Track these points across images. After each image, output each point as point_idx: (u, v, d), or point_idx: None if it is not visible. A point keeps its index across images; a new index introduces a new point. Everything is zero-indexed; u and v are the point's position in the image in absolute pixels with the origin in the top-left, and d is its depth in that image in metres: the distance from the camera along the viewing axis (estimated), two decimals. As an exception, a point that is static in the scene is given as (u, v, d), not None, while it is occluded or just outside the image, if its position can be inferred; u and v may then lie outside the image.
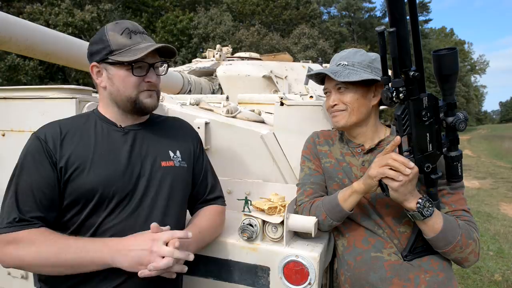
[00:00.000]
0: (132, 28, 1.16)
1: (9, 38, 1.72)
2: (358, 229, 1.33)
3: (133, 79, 1.15)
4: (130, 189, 1.12)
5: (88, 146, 1.13)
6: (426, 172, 1.15)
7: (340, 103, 1.31)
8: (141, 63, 1.14)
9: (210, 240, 1.29)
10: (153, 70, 1.18)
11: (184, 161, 1.27)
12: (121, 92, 1.16)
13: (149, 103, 1.20)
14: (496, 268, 4.01)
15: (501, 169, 12.29)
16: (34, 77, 15.09)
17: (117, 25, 1.16)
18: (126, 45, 1.13)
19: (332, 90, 1.34)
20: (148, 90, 1.18)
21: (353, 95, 1.29)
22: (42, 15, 15.56)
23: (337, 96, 1.32)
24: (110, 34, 1.14)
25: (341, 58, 1.34)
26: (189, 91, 3.26)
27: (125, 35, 1.14)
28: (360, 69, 1.29)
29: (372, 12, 40.01)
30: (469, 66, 58.30)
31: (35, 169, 1.08)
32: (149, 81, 1.17)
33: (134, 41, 1.14)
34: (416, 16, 0.98)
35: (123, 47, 1.13)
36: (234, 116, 1.88)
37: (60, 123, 1.17)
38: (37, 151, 1.10)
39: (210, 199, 1.36)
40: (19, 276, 1.81)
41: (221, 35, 21.36)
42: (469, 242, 1.17)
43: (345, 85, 1.29)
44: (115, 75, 1.15)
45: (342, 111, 1.32)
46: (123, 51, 1.12)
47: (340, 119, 1.32)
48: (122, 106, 1.19)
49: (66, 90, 1.56)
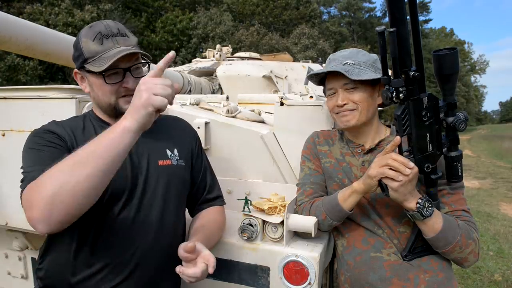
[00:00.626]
0: (105, 31, 1.11)
1: (9, 38, 1.71)
2: (357, 229, 1.33)
3: (108, 87, 1.12)
4: (128, 189, 1.12)
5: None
6: (426, 172, 1.15)
7: (350, 102, 1.29)
8: (114, 69, 1.11)
9: (216, 242, 1.29)
10: (130, 74, 1.13)
11: (182, 159, 1.27)
12: (101, 99, 1.16)
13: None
14: (496, 268, 4.01)
15: (501, 169, 12.28)
16: (34, 77, 15.08)
17: (90, 29, 1.13)
18: (98, 52, 1.09)
19: (339, 89, 1.31)
20: (127, 95, 1.15)
21: (362, 94, 1.28)
22: (42, 15, 15.56)
23: (346, 95, 1.29)
24: (83, 41, 1.12)
25: (345, 57, 1.31)
26: (189, 91, 3.25)
27: (96, 40, 1.10)
28: (366, 68, 1.28)
29: (372, 12, 40.02)
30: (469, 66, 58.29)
31: (47, 143, 1.06)
32: (126, 87, 1.13)
33: (105, 47, 1.10)
34: (417, 16, 0.98)
35: (94, 55, 1.09)
36: (234, 116, 1.88)
37: (61, 122, 1.17)
38: (46, 133, 1.08)
39: (210, 199, 1.36)
40: (19, 276, 1.81)
41: (220, 35, 21.35)
42: (469, 242, 1.17)
43: (354, 84, 1.28)
44: (93, 83, 1.14)
45: (352, 111, 1.29)
46: (95, 59, 1.09)
47: (351, 118, 1.30)
48: (105, 111, 1.19)
49: (66, 90, 1.56)
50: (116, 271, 1.08)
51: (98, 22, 1.16)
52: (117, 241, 1.09)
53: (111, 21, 1.16)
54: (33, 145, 1.06)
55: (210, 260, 1.01)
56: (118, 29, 1.14)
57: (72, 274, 1.07)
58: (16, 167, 1.10)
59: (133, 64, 1.14)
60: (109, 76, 1.11)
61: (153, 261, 1.14)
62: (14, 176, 1.60)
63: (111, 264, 1.09)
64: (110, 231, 1.09)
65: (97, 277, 1.07)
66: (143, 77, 0.94)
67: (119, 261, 1.09)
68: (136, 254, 1.11)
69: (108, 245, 1.09)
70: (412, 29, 0.99)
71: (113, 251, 1.09)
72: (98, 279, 1.07)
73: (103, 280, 1.08)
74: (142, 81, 0.92)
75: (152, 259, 1.14)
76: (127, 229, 1.10)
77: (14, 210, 1.60)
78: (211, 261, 1.01)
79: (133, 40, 1.17)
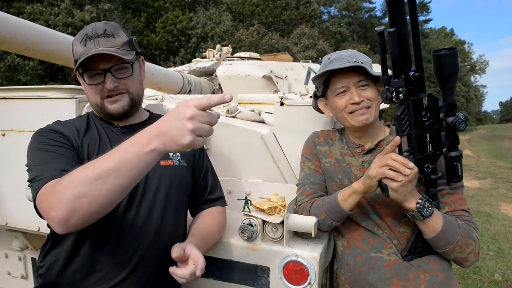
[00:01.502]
0: (90, 33, 1.12)
1: (9, 38, 1.71)
2: (357, 230, 1.33)
3: (91, 88, 1.15)
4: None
5: (94, 142, 1.14)
6: (426, 172, 1.15)
7: (366, 100, 1.27)
8: (95, 70, 1.12)
9: (215, 242, 1.29)
10: (110, 75, 1.13)
11: (183, 160, 1.27)
12: (90, 99, 1.19)
13: (114, 109, 1.17)
14: (496, 268, 4.01)
15: (501, 169, 12.28)
16: (34, 77, 15.09)
17: (82, 31, 1.14)
18: (81, 54, 1.10)
19: (352, 87, 1.28)
20: (110, 96, 1.16)
21: (375, 92, 1.29)
22: (42, 15, 15.57)
23: (359, 92, 1.27)
24: (74, 44, 1.14)
25: (351, 56, 1.29)
26: (189, 91, 3.25)
27: (82, 42, 1.11)
28: (369, 67, 1.28)
29: (372, 12, 40.07)
30: (469, 66, 58.28)
31: (53, 142, 1.07)
32: (106, 88, 1.14)
33: (87, 49, 1.10)
34: (416, 16, 0.98)
35: (79, 56, 1.10)
36: (234, 116, 1.88)
37: (65, 122, 1.18)
38: (51, 132, 1.09)
39: (211, 200, 1.36)
40: (19, 276, 1.81)
41: (220, 35, 21.35)
42: (469, 242, 1.17)
43: (367, 82, 1.27)
44: (82, 84, 1.18)
45: (368, 108, 1.28)
46: (79, 61, 1.10)
47: (368, 116, 1.27)
48: (97, 111, 1.22)
49: (66, 90, 1.56)
50: (116, 270, 1.09)
51: (90, 24, 1.17)
52: (118, 241, 1.10)
53: (102, 22, 1.16)
54: (39, 145, 1.06)
55: (198, 262, 1.00)
56: (105, 30, 1.13)
57: (73, 272, 1.08)
58: (16, 167, 1.11)
59: (114, 65, 1.13)
60: (91, 78, 1.13)
61: (153, 261, 1.14)
62: (14, 176, 1.60)
63: (111, 263, 1.09)
64: (111, 231, 1.09)
65: (97, 276, 1.08)
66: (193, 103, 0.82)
67: (119, 261, 1.09)
68: (136, 254, 1.11)
69: (108, 245, 1.09)
70: (411, 29, 0.99)
71: (113, 251, 1.09)
72: (98, 278, 1.08)
73: (103, 279, 1.08)
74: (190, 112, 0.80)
75: (152, 259, 1.14)
76: (127, 230, 1.10)
77: (14, 210, 1.60)
78: (199, 263, 1.00)
79: (118, 41, 1.14)
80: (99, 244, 1.09)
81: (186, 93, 3.20)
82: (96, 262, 1.08)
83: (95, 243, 1.08)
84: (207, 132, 0.82)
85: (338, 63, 1.27)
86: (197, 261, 1.00)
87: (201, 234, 1.19)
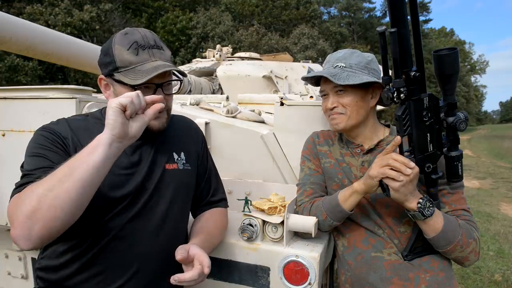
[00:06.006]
0: (142, 41, 1.06)
1: (9, 38, 1.72)
2: (358, 230, 1.33)
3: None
4: (133, 192, 1.10)
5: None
6: (426, 172, 1.15)
7: (340, 106, 1.30)
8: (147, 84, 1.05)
9: (218, 243, 1.28)
10: (161, 90, 1.09)
11: (188, 163, 1.24)
12: None
13: (155, 125, 1.12)
14: (496, 268, 4.01)
15: (501, 169, 12.28)
16: (34, 77, 15.08)
17: (126, 36, 1.06)
18: (132, 63, 1.04)
19: (330, 92, 1.32)
20: None
21: (352, 98, 1.28)
22: (42, 15, 15.57)
23: (336, 98, 1.30)
24: (117, 48, 1.05)
25: (337, 59, 1.31)
26: (189, 91, 3.25)
27: (131, 50, 1.04)
28: (358, 71, 1.27)
29: (372, 12, 40.07)
30: (469, 66, 58.27)
31: (46, 150, 1.04)
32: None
33: (141, 59, 1.04)
34: (417, 16, 0.98)
35: (128, 65, 1.04)
36: (234, 116, 1.88)
37: (67, 120, 1.14)
38: (47, 138, 1.06)
39: (213, 201, 1.34)
40: (19, 276, 1.81)
41: (220, 35, 21.36)
42: (470, 241, 1.17)
43: (344, 88, 1.28)
44: (120, 93, 1.05)
45: (341, 114, 1.30)
46: (128, 70, 1.04)
47: (339, 121, 1.31)
48: None
49: (66, 90, 1.56)
50: (116, 273, 1.08)
51: (133, 30, 1.10)
52: (119, 245, 1.08)
53: (147, 31, 1.11)
54: (33, 148, 1.04)
55: (204, 261, 1.00)
56: (155, 41, 1.09)
57: (72, 275, 1.07)
58: (16, 167, 1.10)
59: (166, 81, 1.10)
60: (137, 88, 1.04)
61: (154, 265, 1.13)
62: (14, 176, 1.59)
63: (112, 266, 1.08)
64: (111, 234, 1.07)
65: (98, 279, 1.07)
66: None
67: (120, 264, 1.08)
68: (137, 257, 1.10)
69: (109, 248, 1.07)
70: (412, 29, 0.99)
71: (114, 254, 1.08)
72: (98, 280, 1.07)
73: (103, 282, 1.07)
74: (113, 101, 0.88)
75: (153, 263, 1.13)
76: (128, 233, 1.08)
77: (14, 210, 1.59)
78: (205, 261, 1.00)
79: (167, 54, 1.12)
80: (99, 247, 1.07)
81: (186, 93, 3.20)
82: (96, 265, 1.07)
83: (95, 247, 1.07)
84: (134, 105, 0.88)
85: (326, 66, 1.34)
86: (202, 260, 1.00)
87: (204, 235, 1.18)
